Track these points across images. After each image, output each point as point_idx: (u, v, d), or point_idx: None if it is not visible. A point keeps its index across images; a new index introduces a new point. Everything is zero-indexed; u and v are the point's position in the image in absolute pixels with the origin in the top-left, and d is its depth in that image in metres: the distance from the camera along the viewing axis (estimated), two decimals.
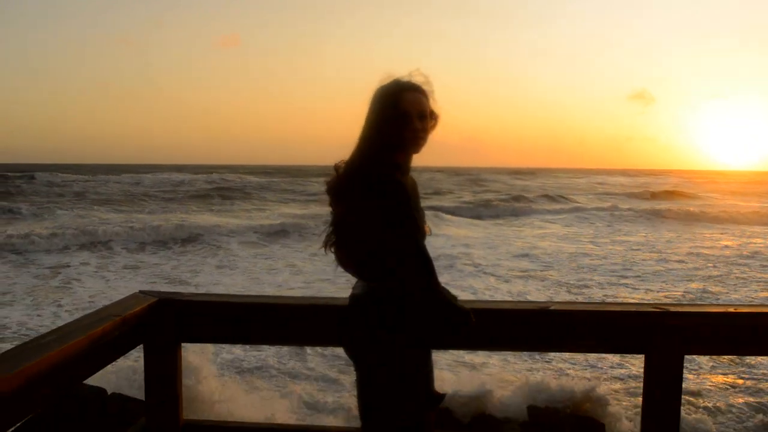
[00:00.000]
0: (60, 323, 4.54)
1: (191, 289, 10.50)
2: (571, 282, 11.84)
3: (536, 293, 10.92)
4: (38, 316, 8.66)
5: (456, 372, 6.24)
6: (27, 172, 49.77)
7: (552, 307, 2.23)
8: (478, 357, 6.76)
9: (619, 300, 10.20)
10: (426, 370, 1.96)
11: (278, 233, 18.26)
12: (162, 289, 3.83)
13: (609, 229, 21.91)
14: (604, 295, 10.75)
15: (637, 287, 11.38)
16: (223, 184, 42.47)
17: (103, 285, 11.20)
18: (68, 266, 13.00)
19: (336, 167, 1.96)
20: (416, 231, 1.86)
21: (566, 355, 6.85)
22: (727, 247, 17.01)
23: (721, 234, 20.44)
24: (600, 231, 21.39)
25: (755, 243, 17.86)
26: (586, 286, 11.48)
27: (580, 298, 10.58)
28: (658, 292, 10.96)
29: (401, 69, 2.00)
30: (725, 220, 24.85)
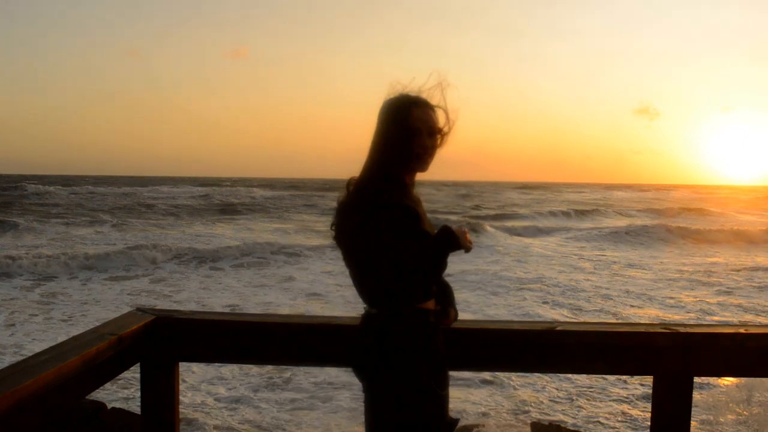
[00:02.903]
0: (51, 342, 4.43)
1: (175, 306, 10.29)
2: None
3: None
4: (11, 335, 8.43)
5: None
6: (28, 182, 50.04)
7: (558, 328, 2.18)
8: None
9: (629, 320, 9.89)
10: (443, 394, 1.88)
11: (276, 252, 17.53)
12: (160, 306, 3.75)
13: (665, 252, 19.86)
14: None
15: None
16: (225, 199, 42.29)
17: (90, 298, 11.05)
18: (56, 279, 12.82)
19: (347, 184, 1.92)
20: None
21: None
22: None
23: None
24: (655, 253, 19.50)
25: None
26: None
27: None
28: None
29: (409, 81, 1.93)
30: None
